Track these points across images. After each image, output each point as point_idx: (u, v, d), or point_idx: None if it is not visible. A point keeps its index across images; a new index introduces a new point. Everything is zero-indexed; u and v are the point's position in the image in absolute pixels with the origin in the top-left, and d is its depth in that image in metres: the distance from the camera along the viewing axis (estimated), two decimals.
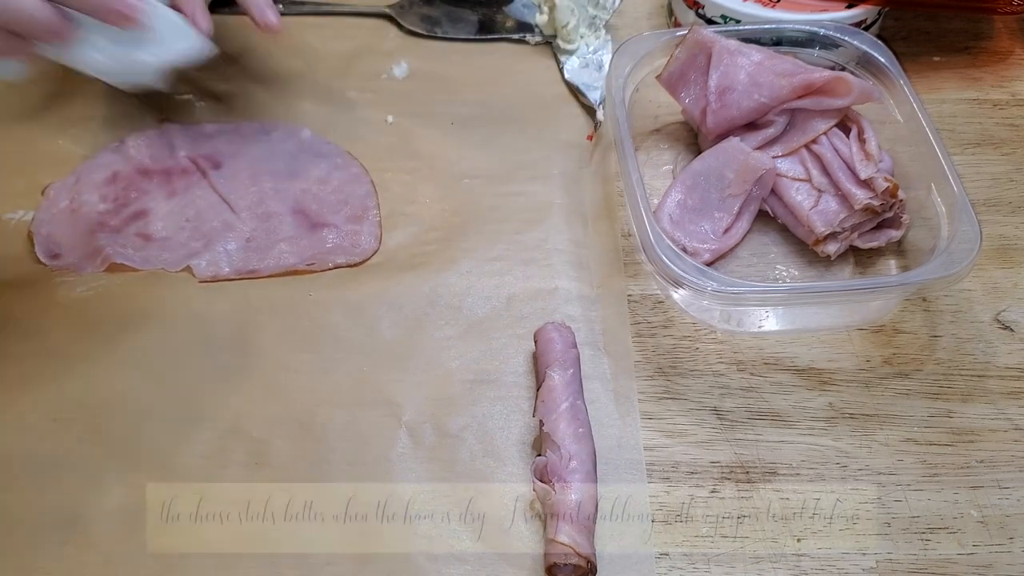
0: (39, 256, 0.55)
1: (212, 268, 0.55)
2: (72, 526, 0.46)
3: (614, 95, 0.56)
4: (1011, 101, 0.65)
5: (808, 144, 0.56)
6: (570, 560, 0.42)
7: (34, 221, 0.57)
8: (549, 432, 0.45)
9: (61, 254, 0.56)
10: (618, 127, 0.54)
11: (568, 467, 0.44)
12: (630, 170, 0.51)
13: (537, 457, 0.46)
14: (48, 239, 0.56)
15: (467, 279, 0.55)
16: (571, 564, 0.42)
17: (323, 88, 0.66)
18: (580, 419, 0.46)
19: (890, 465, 0.48)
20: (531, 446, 0.48)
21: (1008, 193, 0.60)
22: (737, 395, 0.50)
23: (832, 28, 0.59)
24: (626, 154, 0.52)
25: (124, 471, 0.47)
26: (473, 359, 0.52)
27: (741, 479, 0.47)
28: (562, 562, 0.42)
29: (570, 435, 0.45)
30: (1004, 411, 0.50)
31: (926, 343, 0.53)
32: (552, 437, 0.45)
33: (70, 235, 0.57)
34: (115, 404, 0.50)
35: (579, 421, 0.46)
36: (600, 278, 0.55)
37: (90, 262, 0.55)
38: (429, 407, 0.50)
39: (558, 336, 0.49)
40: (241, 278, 0.55)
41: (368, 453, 0.48)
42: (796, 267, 0.56)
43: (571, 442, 0.45)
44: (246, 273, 0.55)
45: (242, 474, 0.47)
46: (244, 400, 0.50)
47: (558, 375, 0.47)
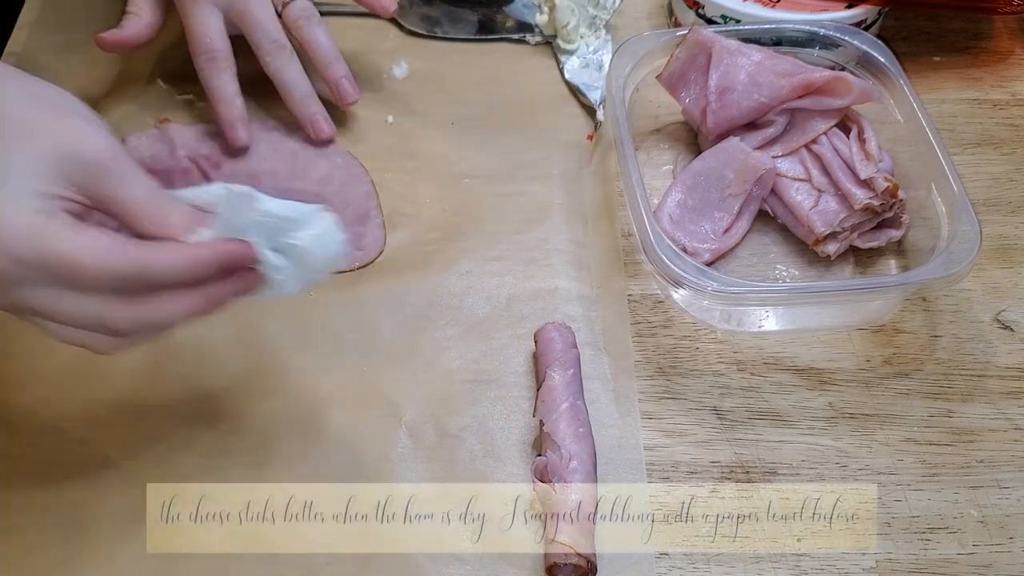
0: None
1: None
2: (72, 526, 0.46)
3: (614, 95, 0.56)
4: (1011, 101, 0.65)
5: (808, 144, 0.56)
6: (570, 560, 0.42)
7: None
8: (549, 432, 0.45)
9: None
10: (618, 127, 0.54)
11: (568, 467, 0.44)
12: (630, 170, 0.51)
13: (537, 457, 0.46)
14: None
15: (467, 279, 0.55)
16: (571, 564, 0.42)
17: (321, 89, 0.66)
18: (580, 419, 0.46)
19: (890, 465, 0.48)
20: (531, 446, 0.48)
21: (1008, 193, 0.60)
22: (737, 395, 0.50)
23: (832, 28, 0.59)
24: (626, 154, 0.52)
25: (125, 471, 0.47)
26: (473, 359, 0.52)
27: (741, 479, 0.47)
28: (562, 562, 0.42)
29: (570, 435, 0.45)
30: (1004, 411, 0.50)
31: (926, 343, 0.53)
32: (552, 437, 0.45)
33: None
34: (115, 404, 0.50)
35: (579, 421, 0.46)
36: (600, 278, 0.55)
37: None
38: (429, 407, 0.50)
39: (558, 336, 0.49)
40: None
41: (368, 453, 0.48)
42: (796, 267, 0.56)
43: (571, 442, 0.45)
44: None
45: (242, 474, 0.47)
46: (244, 400, 0.50)
47: (558, 375, 0.47)
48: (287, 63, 0.60)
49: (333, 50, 0.61)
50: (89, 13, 0.69)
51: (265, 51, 0.59)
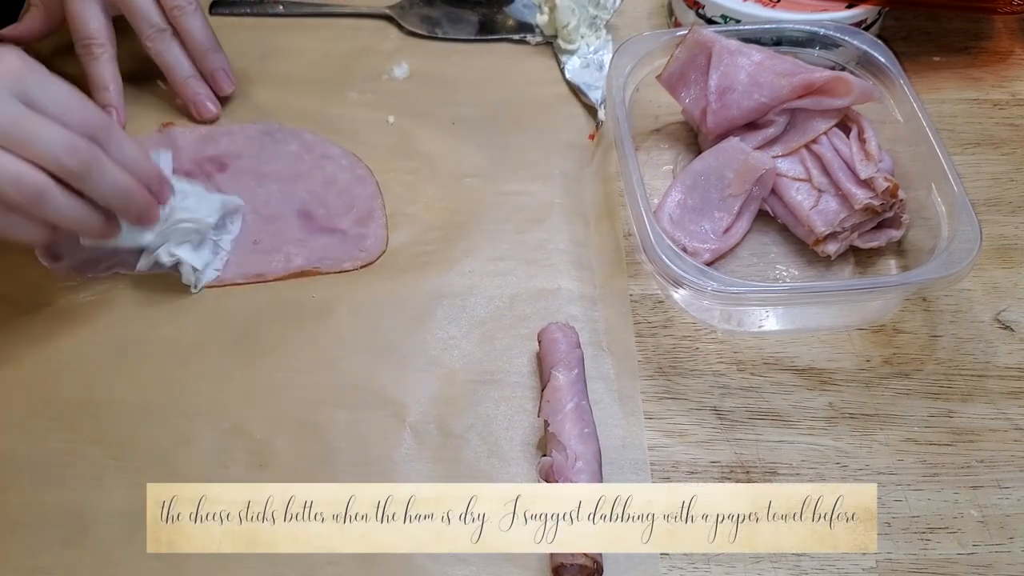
0: (41, 259, 0.55)
1: (218, 272, 0.55)
2: (72, 526, 0.46)
3: (614, 95, 0.56)
4: (1011, 101, 0.65)
5: (808, 144, 0.56)
6: (577, 560, 0.42)
7: None
8: (555, 432, 0.45)
9: (64, 256, 0.56)
10: (618, 127, 0.54)
11: (574, 467, 0.44)
12: (630, 170, 0.51)
13: (543, 457, 0.46)
14: (52, 243, 0.56)
15: (470, 279, 0.55)
16: (578, 564, 0.42)
17: (324, 89, 0.66)
18: (585, 419, 0.46)
19: (890, 465, 0.48)
20: (535, 446, 0.48)
21: (1008, 193, 0.60)
22: (737, 395, 0.50)
23: (832, 28, 0.59)
24: (626, 154, 0.52)
25: (125, 471, 0.47)
26: (477, 359, 0.52)
27: (741, 479, 0.47)
28: (569, 562, 0.42)
29: (576, 435, 0.45)
30: (1004, 411, 0.50)
31: (926, 343, 0.53)
32: (558, 437, 0.45)
33: (74, 239, 0.57)
34: (116, 404, 0.50)
35: (584, 421, 0.46)
36: (602, 278, 0.55)
37: (93, 267, 0.55)
38: (433, 407, 0.50)
39: (562, 336, 0.49)
40: (248, 283, 0.55)
41: (371, 453, 0.48)
42: (796, 267, 0.56)
43: (577, 442, 0.45)
44: (252, 277, 0.55)
45: (243, 474, 0.47)
46: (246, 400, 0.50)
47: (563, 375, 0.47)
48: (168, 46, 0.62)
49: (209, 40, 0.63)
50: None
51: (145, 36, 0.61)
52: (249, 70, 0.67)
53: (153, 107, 0.64)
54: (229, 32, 0.66)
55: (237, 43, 0.67)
